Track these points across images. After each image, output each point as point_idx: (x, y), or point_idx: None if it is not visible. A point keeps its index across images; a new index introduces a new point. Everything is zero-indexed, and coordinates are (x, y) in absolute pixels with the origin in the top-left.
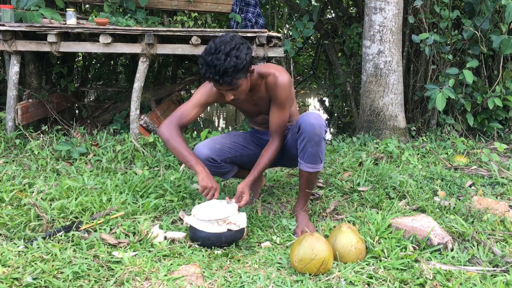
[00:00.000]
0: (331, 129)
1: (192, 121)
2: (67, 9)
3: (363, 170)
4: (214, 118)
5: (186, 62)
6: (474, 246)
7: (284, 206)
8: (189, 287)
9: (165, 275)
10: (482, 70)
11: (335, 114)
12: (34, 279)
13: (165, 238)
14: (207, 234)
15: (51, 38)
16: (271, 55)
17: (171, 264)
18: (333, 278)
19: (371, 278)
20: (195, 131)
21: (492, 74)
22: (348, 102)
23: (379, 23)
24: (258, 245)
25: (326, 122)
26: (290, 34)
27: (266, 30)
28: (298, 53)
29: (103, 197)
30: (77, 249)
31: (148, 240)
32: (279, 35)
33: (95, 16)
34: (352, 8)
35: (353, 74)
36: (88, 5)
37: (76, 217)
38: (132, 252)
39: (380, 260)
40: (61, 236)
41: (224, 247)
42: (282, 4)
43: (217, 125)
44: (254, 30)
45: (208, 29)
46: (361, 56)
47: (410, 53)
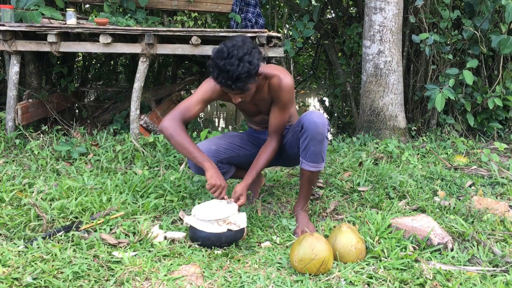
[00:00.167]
0: (331, 129)
1: (195, 117)
2: (67, 9)
3: (363, 170)
4: (214, 118)
5: (186, 62)
6: (474, 246)
7: (284, 206)
8: (189, 287)
9: (165, 275)
10: (482, 70)
11: (335, 114)
12: (34, 279)
13: (165, 238)
14: (207, 234)
15: (51, 38)
16: (271, 55)
17: (171, 264)
18: (333, 278)
19: (371, 278)
20: (195, 131)
21: (492, 74)
22: (348, 102)
23: (379, 23)
24: (258, 245)
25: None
26: (290, 34)
27: (266, 30)
28: (298, 53)
29: (103, 197)
30: (77, 249)
31: (148, 240)
32: (279, 35)
33: (95, 16)
34: (352, 8)
35: (353, 74)
36: (88, 5)
37: (76, 217)
38: (132, 252)
39: (380, 260)
40: (61, 236)
41: (224, 247)
42: (282, 4)
43: (217, 125)
44: (254, 30)
45: (208, 29)
46: (361, 56)
47: (410, 53)
